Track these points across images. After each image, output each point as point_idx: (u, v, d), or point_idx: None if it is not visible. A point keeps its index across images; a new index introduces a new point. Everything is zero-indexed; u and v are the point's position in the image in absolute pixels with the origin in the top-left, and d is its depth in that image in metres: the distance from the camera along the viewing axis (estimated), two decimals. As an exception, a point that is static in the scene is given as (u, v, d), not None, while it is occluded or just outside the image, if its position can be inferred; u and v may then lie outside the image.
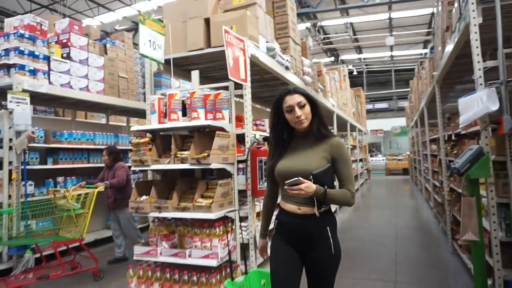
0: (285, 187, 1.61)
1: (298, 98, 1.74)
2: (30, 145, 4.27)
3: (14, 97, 4.07)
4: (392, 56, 19.03)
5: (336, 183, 1.80)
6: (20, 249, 3.95)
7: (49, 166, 4.95)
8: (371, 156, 19.68)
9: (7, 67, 4.43)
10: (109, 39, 6.20)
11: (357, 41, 16.97)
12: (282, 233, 1.84)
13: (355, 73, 19.19)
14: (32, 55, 4.53)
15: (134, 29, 13.15)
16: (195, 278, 2.73)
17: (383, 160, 19.23)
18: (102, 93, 5.41)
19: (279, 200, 1.93)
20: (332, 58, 18.90)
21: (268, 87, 5.05)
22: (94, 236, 5.36)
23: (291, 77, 4.46)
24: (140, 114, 6.67)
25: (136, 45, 7.01)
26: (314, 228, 1.74)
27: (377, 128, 21.10)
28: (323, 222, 1.74)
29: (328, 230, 1.74)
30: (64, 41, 5.13)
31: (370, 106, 20.83)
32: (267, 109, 6.39)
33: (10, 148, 4.10)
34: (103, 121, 7.31)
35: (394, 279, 3.72)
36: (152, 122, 3.03)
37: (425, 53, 15.70)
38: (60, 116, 7.15)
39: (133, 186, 4.66)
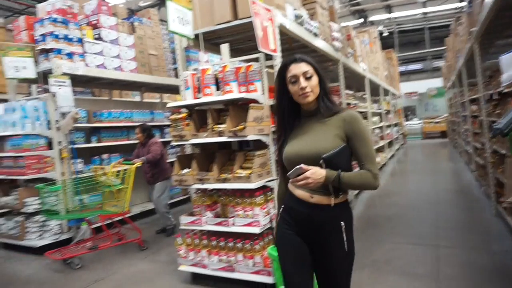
0: (290, 180, 1.44)
1: (304, 67, 1.54)
2: (75, 125, 4.53)
3: (56, 80, 4.29)
4: (425, 13, 17.94)
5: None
6: (78, 221, 4.31)
7: (94, 144, 5.25)
8: (406, 120, 19.12)
9: (46, 52, 4.64)
10: (136, 17, 6.29)
11: (386, 0, 16.09)
12: (289, 221, 1.63)
13: (385, 34, 18.33)
14: (66, 38, 4.70)
15: (157, 4, 13.13)
16: (239, 245, 2.90)
17: (419, 123, 18.61)
18: (135, 72, 5.57)
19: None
20: (361, 20, 18.08)
21: (297, 56, 4.98)
22: (139, 208, 5.70)
23: (320, 44, 4.38)
24: (172, 90, 6.81)
25: (162, 21, 7.07)
26: (327, 221, 1.54)
27: (411, 91, 20.32)
28: (337, 215, 1.55)
29: (343, 224, 1.54)
30: (94, 22, 5.27)
31: (403, 68, 20.02)
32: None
33: (58, 129, 4.37)
34: (137, 98, 7.55)
35: (435, 243, 3.72)
36: (187, 98, 3.12)
37: (462, 7, 14.67)
38: (97, 96, 7.45)
39: (167, 160, 4.93)
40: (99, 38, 5.15)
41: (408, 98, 20.48)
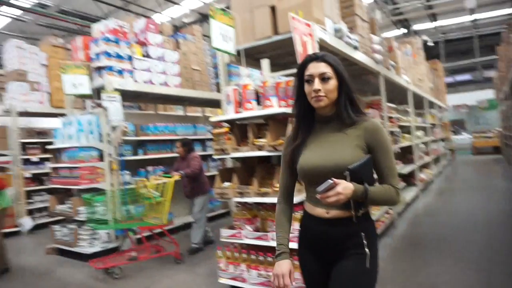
0: (317, 195, 1.27)
1: (323, 67, 1.40)
2: (124, 138, 4.81)
3: (108, 96, 4.60)
4: (473, 21, 17.14)
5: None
6: (124, 231, 4.52)
7: (140, 156, 5.52)
8: (454, 134, 18.17)
9: (99, 69, 5.00)
10: (180, 34, 6.59)
11: (430, 8, 15.58)
12: (305, 242, 1.54)
13: (430, 43, 17.70)
14: (118, 56, 5.03)
15: (200, 20, 13.66)
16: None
17: (469, 138, 17.59)
18: (179, 87, 5.82)
19: (296, 200, 1.67)
20: (404, 30, 17.63)
21: (337, 69, 4.97)
22: (181, 220, 5.86)
23: (360, 56, 4.35)
24: (214, 104, 7.02)
25: (205, 36, 7.35)
26: (345, 236, 1.42)
27: (459, 103, 19.34)
28: (356, 228, 1.41)
29: (363, 236, 1.40)
30: (143, 40, 5.59)
31: (450, 79, 19.15)
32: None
33: (108, 142, 4.66)
34: (181, 112, 7.84)
35: (487, 268, 3.47)
36: (229, 112, 3.22)
37: (515, 13, 13.88)
38: (143, 110, 7.84)
39: (205, 175, 5.03)
40: (147, 55, 5.46)
41: (456, 111, 19.50)
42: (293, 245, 1.65)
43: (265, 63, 3.46)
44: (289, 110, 2.92)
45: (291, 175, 1.58)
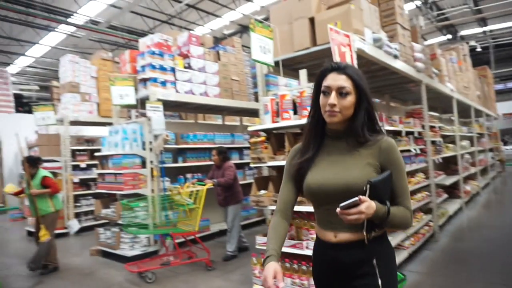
0: (338, 210, 1.16)
1: (342, 81, 1.29)
2: (165, 146, 5.01)
3: (151, 106, 4.82)
4: (527, 24, 16.10)
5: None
6: (165, 235, 4.68)
7: (180, 164, 5.72)
8: (504, 144, 17.05)
9: (144, 81, 5.27)
10: (221, 46, 6.79)
11: (479, 13, 14.85)
12: (317, 269, 1.44)
13: (478, 49, 16.83)
14: (161, 68, 5.27)
15: (240, 31, 13.97)
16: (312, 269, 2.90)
17: (520, 148, 16.43)
18: (218, 97, 5.98)
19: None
20: (449, 36, 16.92)
21: (376, 78, 4.90)
22: (217, 227, 5.97)
23: (401, 65, 4.26)
24: (252, 113, 7.13)
25: (244, 47, 7.52)
26: (354, 262, 1.29)
27: (511, 112, 18.17)
28: (369, 252, 1.28)
29: (375, 263, 1.27)
30: (185, 52, 5.82)
31: (500, 86, 18.08)
32: (376, 101, 6.19)
33: (151, 149, 4.88)
34: (219, 121, 8.03)
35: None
36: (266, 122, 3.28)
37: None
38: (183, 119, 8.12)
39: (242, 182, 5.08)
40: (188, 67, 5.68)
41: (507, 120, 18.31)
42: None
43: (303, 73, 3.49)
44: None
45: (293, 189, 1.46)
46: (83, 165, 7.43)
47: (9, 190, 4.80)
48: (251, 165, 3.32)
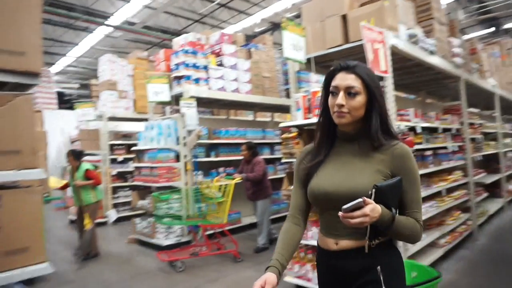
0: (340, 213, 1.09)
1: (351, 80, 1.23)
2: (198, 141, 5.17)
3: (185, 102, 4.99)
4: None
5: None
6: (196, 227, 4.86)
7: (212, 158, 5.87)
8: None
9: (178, 79, 5.45)
10: (252, 43, 6.87)
11: (526, 4, 14.00)
12: (321, 277, 1.39)
13: (523, 43, 15.84)
14: (194, 66, 5.43)
15: (271, 29, 13.99)
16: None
17: None
18: (249, 93, 6.07)
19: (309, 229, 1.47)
20: (492, 29, 16.08)
21: (411, 74, 4.79)
22: (248, 220, 6.09)
23: (437, 61, 4.16)
24: (283, 109, 7.17)
25: (276, 44, 7.56)
26: (356, 270, 1.23)
27: (557, 108, 17.02)
28: (373, 260, 1.21)
29: (379, 271, 1.20)
30: (217, 50, 5.95)
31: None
32: (410, 97, 6.06)
33: (184, 144, 5.05)
34: (251, 117, 8.14)
35: None
36: (298, 118, 3.33)
37: None
38: (215, 115, 8.28)
39: (274, 177, 5.14)
40: (220, 64, 5.80)
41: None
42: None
43: (334, 70, 3.49)
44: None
45: (303, 194, 1.39)
46: (120, 158, 7.78)
47: (53, 185, 5.14)
48: (283, 160, 3.38)
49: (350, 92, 1.23)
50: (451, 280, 3.51)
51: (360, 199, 1.07)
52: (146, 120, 6.34)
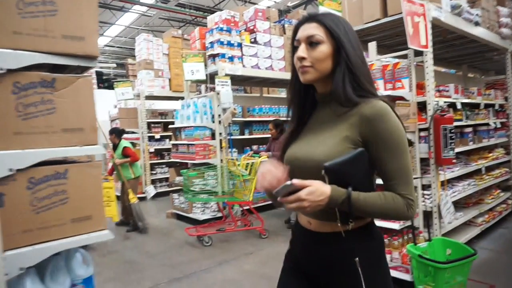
0: (278, 199, 0.97)
1: (311, 29, 1.06)
2: (233, 119, 5.27)
3: (220, 80, 5.07)
4: None
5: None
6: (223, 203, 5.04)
7: (246, 136, 5.98)
8: None
9: (213, 57, 5.51)
10: (286, 19, 6.77)
11: None
12: (292, 253, 1.25)
13: None
14: (229, 44, 5.46)
15: (304, 3, 13.61)
16: (377, 238, 2.96)
17: None
18: (283, 70, 6.05)
19: None
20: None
21: (453, 47, 4.58)
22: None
23: (482, 32, 3.94)
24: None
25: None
26: (331, 257, 1.08)
27: None
28: (349, 248, 1.06)
29: (358, 263, 1.04)
30: (251, 27, 5.93)
31: None
32: (450, 71, 5.80)
33: (219, 122, 5.17)
34: (284, 95, 8.12)
35: None
36: (333, 96, 3.32)
37: None
38: (248, 93, 8.33)
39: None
40: (254, 42, 5.80)
41: None
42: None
43: (372, 46, 3.42)
44: (396, 92, 2.88)
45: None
46: (157, 136, 8.07)
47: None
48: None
49: (311, 42, 1.05)
50: (487, 259, 3.46)
51: (288, 182, 0.94)
52: (181, 98, 6.51)
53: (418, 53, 3.02)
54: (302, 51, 1.06)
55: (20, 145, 1.21)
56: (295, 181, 0.94)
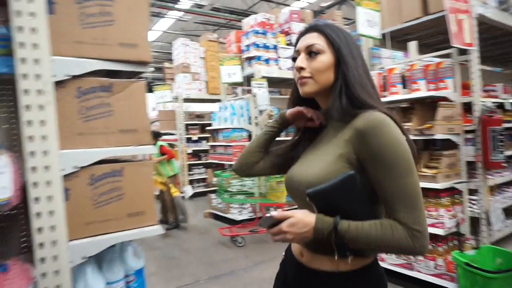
0: (266, 230, 0.92)
1: (311, 39, 1.00)
2: (269, 121, 5.31)
3: (256, 83, 5.13)
4: None
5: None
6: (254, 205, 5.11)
7: (282, 138, 5.98)
8: None
9: (249, 60, 5.60)
10: (321, 20, 6.74)
11: None
12: (280, 278, 1.17)
13: None
14: (265, 47, 5.52)
15: (338, 3, 13.45)
16: (420, 243, 2.89)
17: None
18: (319, 72, 6.02)
19: None
20: None
21: (500, 44, 4.38)
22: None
23: (533, 29, 3.74)
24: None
25: (344, 19, 7.31)
26: None
27: None
28: None
29: None
30: (286, 29, 5.96)
31: None
32: (496, 70, 5.53)
33: (256, 124, 5.24)
34: (318, 96, 8.07)
35: None
36: (372, 97, 3.28)
37: None
38: (284, 95, 8.35)
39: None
40: (290, 44, 5.82)
41: None
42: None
43: (412, 45, 3.35)
44: (438, 93, 2.81)
45: (269, 160, 1.27)
46: (195, 138, 8.28)
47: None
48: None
49: (311, 52, 0.99)
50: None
51: (268, 214, 0.90)
52: (218, 101, 6.64)
53: (462, 52, 2.93)
54: (301, 61, 1.00)
55: (82, 144, 1.32)
56: (274, 213, 0.89)
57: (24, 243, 1.47)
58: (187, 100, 8.18)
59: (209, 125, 6.25)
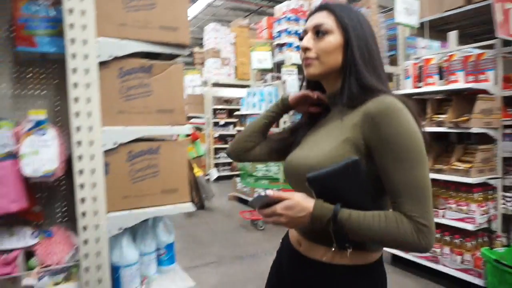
0: (257, 210, 0.87)
1: (319, 18, 0.94)
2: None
3: (287, 70, 5.11)
4: None
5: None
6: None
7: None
8: None
9: (280, 46, 5.56)
10: (356, 7, 6.56)
11: None
12: (276, 266, 1.14)
13: None
14: (296, 33, 5.46)
15: (374, -11, 13.01)
16: (447, 238, 2.85)
17: None
18: (351, 60, 5.91)
19: None
20: None
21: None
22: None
23: None
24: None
25: (380, 7, 7.08)
26: None
27: None
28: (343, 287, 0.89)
29: None
30: (319, 16, 5.86)
31: None
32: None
33: (284, 111, 5.25)
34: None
35: None
36: (406, 87, 3.20)
37: None
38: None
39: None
40: (322, 31, 5.73)
41: None
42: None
43: (452, 35, 3.23)
44: (478, 85, 2.71)
45: (266, 146, 1.20)
46: (222, 122, 8.37)
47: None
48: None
49: (318, 31, 0.93)
50: None
51: (263, 193, 0.83)
52: (246, 86, 6.66)
53: (506, 43, 2.79)
54: (307, 40, 0.94)
55: (122, 122, 1.38)
56: (270, 192, 0.83)
57: (64, 213, 1.58)
58: (215, 84, 8.24)
59: (237, 110, 6.30)
